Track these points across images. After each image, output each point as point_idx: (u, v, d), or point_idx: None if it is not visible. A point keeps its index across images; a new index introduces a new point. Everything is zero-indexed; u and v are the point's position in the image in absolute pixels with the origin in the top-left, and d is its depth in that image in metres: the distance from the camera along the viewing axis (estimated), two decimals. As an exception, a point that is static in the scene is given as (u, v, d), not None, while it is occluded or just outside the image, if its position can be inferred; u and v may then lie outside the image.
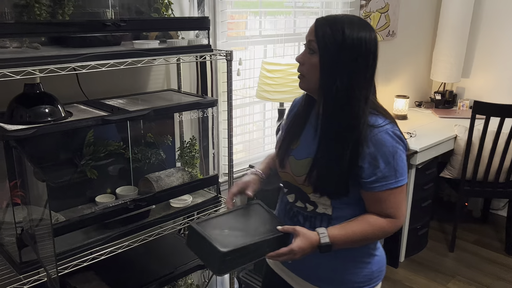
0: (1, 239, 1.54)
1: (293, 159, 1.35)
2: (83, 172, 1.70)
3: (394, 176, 1.24)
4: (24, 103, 1.44)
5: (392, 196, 1.25)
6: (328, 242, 1.23)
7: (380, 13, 3.14)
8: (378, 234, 1.28)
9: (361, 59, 1.19)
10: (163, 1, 1.83)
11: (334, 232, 1.24)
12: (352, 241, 1.26)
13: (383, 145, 1.22)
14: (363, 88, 1.22)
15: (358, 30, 1.19)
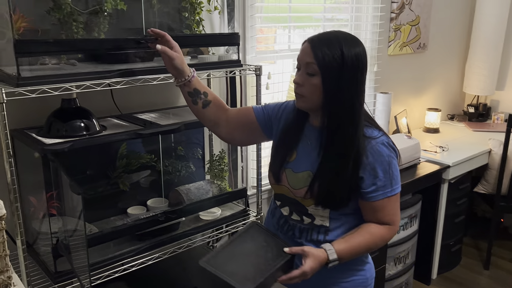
0: (38, 248, 1.59)
1: (290, 172, 1.36)
2: (116, 184, 1.75)
3: (390, 185, 1.28)
4: (61, 117, 1.50)
5: (389, 204, 1.29)
6: (336, 258, 1.26)
7: (410, 25, 3.11)
8: (379, 243, 1.32)
9: (359, 74, 1.24)
10: (194, 17, 1.87)
11: (340, 246, 1.27)
12: (357, 253, 1.30)
13: (380, 156, 1.27)
14: (362, 103, 1.28)
15: (353, 46, 1.23)
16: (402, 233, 2.62)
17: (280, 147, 1.41)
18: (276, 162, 1.40)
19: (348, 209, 1.33)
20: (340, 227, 1.34)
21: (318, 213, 1.33)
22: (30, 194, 1.60)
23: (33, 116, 1.62)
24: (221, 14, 2.07)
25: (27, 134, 1.50)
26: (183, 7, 1.85)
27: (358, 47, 1.24)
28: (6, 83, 1.37)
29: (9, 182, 1.31)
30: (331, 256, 1.25)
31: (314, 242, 1.35)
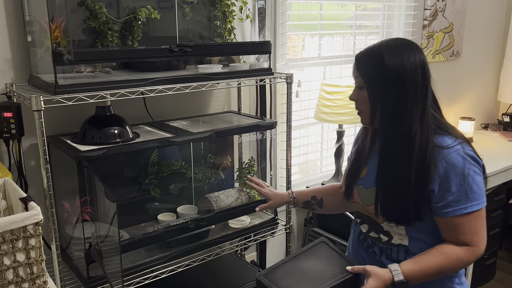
0: (71, 253, 1.62)
1: (362, 188, 1.33)
2: (147, 191, 1.76)
3: (466, 200, 1.17)
4: (95, 124, 1.52)
5: (467, 221, 1.17)
6: (403, 279, 1.17)
7: (444, 33, 3.05)
8: (455, 264, 1.20)
9: (406, 81, 1.18)
10: (226, 26, 1.88)
11: (407, 267, 1.18)
12: (427, 275, 1.19)
13: (454, 167, 1.17)
14: (416, 108, 1.19)
15: (397, 54, 1.18)
16: (434, 245, 2.55)
17: (353, 164, 1.39)
18: (348, 178, 1.38)
19: (427, 225, 1.23)
20: (421, 248, 1.24)
21: (394, 231, 1.27)
22: (64, 199, 1.63)
23: (68, 123, 1.65)
24: (252, 22, 2.08)
25: (62, 141, 1.53)
26: (215, 15, 1.86)
27: (405, 54, 1.18)
28: (43, 91, 1.41)
29: (45, 188, 1.33)
30: (397, 278, 1.17)
31: (394, 260, 1.28)
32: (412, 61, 1.18)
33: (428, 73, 1.21)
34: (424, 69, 1.20)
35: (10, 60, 1.56)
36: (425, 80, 1.20)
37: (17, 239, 1.06)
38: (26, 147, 1.61)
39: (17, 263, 1.07)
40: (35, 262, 1.10)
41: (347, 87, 2.20)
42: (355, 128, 2.77)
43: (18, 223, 1.05)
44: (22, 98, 1.40)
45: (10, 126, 1.46)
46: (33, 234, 1.08)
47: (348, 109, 2.19)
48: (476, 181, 1.18)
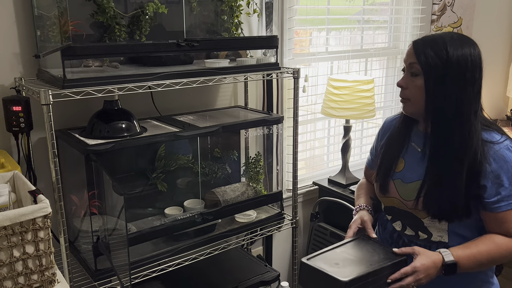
0: (79, 246, 1.63)
1: (400, 183, 1.31)
2: (154, 185, 1.77)
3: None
4: (103, 119, 1.53)
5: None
6: (453, 260, 1.15)
7: (452, 27, 3.03)
8: (505, 255, 1.18)
9: (468, 74, 1.18)
10: (233, 20, 1.88)
11: (458, 252, 1.17)
12: (478, 262, 1.18)
13: (506, 162, 1.18)
14: (472, 103, 1.19)
15: (461, 46, 1.18)
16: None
17: (386, 157, 1.36)
18: (382, 172, 1.35)
19: (470, 221, 1.22)
20: (460, 244, 1.23)
21: (435, 227, 1.25)
22: (72, 193, 1.65)
23: (76, 117, 1.66)
24: (259, 17, 2.07)
25: (71, 135, 1.54)
26: (222, 10, 1.86)
27: (468, 47, 1.19)
28: (52, 85, 1.42)
29: (53, 181, 1.35)
30: (447, 258, 1.16)
31: None
32: (474, 56, 1.18)
33: (483, 71, 1.22)
34: (481, 65, 1.21)
35: (19, 55, 1.57)
36: (481, 76, 1.21)
37: (26, 231, 1.07)
38: (35, 141, 1.62)
39: (26, 255, 1.09)
40: (44, 254, 1.11)
41: (354, 82, 2.19)
42: (362, 123, 2.77)
43: (27, 215, 1.06)
44: (31, 92, 1.41)
45: (19, 120, 1.47)
46: (42, 226, 1.09)
47: (355, 104, 2.18)
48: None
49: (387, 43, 2.79)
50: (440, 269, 1.16)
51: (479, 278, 1.29)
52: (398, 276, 1.16)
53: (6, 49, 1.54)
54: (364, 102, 2.20)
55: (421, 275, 1.15)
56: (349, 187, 2.26)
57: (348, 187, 2.27)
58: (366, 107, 2.21)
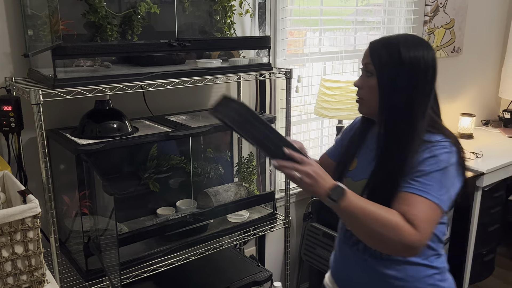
0: (70, 246, 1.62)
1: (350, 181, 1.32)
2: (146, 185, 1.77)
3: (431, 188, 1.13)
4: (94, 118, 1.53)
5: (422, 205, 1.12)
6: (344, 189, 1.10)
7: (445, 29, 3.04)
8: (390, 229, 1.09)
9: (419, 76, 1.18)
10: (226, 20, 1.88)
11: (353, 195, 1.11)
12: (365, 215, 1.09)
13: (434, 156, 1.15)
14: (422, 105, 1.20)
15: (414, 48, 1.19)
16: (433, 241, 2.56)
17: (343, 156, 1.38)
18: (337, 171, 1.37)
19: None
20: None
21: None
22: (63, 193, 1.64)
23: (67, 117, 1.66)
24: (252, 17, 2.07)
25: (62, 135, 1.54)
26: (215, 10, 1.86)
27: (421, 49, 1.19)
28: (42, 84, 1.41)
29: (44, 181, 1.34)
30: (340, 185, 1.11)
31: (379, 258, 1.27)
32: (426, 57, 1.19)
33: (436, 73, 1.22)
34: (435, 68, 1.21)
35: (9, 54, 1.56)
36: (433, 79, 1.22)
37: (15, 231, 1.06)
38: (26, 141, 1.62)
39: (15, 255, 1.08)
40: (33, 255, 1.11)
41: (347, 83, 2.20)
42: (355, 123, 2.77)
43: (16, 215, 1.05)
44: (21, 92, 1.40)
45: (9, 119, 1.47)
46: (31, 226, 1.08)
47: (348, 104, 2.19)
48: (452, 181, 1.16)
49: (380, 44, 2.79)
50: (327, 189, 1.10)
51: (427, 282, 1.27)
52: (293, 155, 1.09)
53: (-4, 49, 1.53)
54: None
55: (310, 173, 1.09)
56: (341, 187, 2.27)
57: (340, 187, 2.27)
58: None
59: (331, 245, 2.20)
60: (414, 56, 1.18)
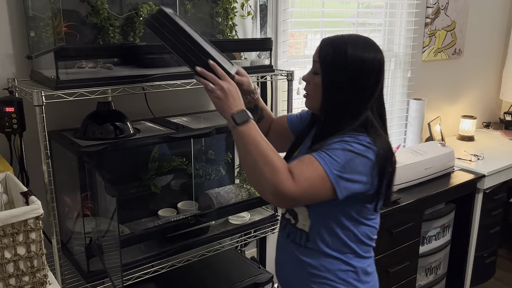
0: (71, 248, 1.63)
1: None
2: (147, 186, 1.77)
3: (331, 161, 1.11)
4: (96, 120, 1.53)
5: (313, 168, 1.11)
6: (249, 117, 1.16)
7: (446, 31, 3.04)
8: (269, 168, 1.09)
9: (361, 78, 1.18)
10: (227, 22, 1.88)
11: (253, 126, 1.16)
12: (255, 145, 1.12)
13: (343, 141, 1.14)
14: (360, 107, 1.19)
15: (362, 50, 1.18)
16: (435, 243, 2.56)
17: (290, 147, 1.41)
18: (288, 152, 1.41)
19: (326, 209, 1.21)
20: (320, 238, 1.25)
21: (301, 212, 1.27)
22: (65, 194, 1.64)
23: (69, 118, 1.66)
24: (254, 19, 2.08)
25: (64, 136, 1.54)
26: (216, 12, 1.86)
27: (369, 52, 1.18)
28: (45, 86, 1.41)
29: (46, 182, 1.34)
30: (248, 113, 1.16)
31: (298, 245, 1.30)
32: (371, 61, 1.18)
33: (382, 78, 1.21)
34: (380, 72, 1.21)
35: (12, 55, 1.57)
36: (378, 83, 1.21)
37: (17, 233, 1.07)
38: (28, 142, 1.62)
39: (18, 257, 1.08)
40: (36, 256, 1.11)
41: (348, 85, 2.20)
42: (356, 125, 2.77)
43: (19, 217, 1.06)
44: (23, 93, 1.41)
45: (11, 121, 1.47)
46: (33, 228, 1.09)
47: (349, 106, 2.19)
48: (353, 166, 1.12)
49: (381, 46, 2.80)
50: (234, 110, 1.17)
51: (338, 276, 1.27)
52: (215, 68, 1.21)
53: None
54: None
55: (224, 88, 1.18)
56: (343, 189, 2.27)
57: (342, 189, 2.27)
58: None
59: (332, 247, 2.20)
60: (360, 58, 1.17)
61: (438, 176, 2.53)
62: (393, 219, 2.15)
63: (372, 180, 1.16)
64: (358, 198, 1.20)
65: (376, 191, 1.20)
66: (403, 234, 2.22)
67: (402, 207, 2.16)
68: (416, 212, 2.27)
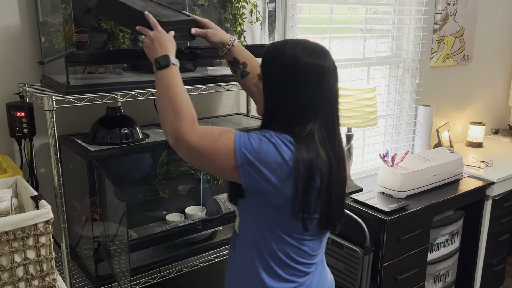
0: (80, 252, 1.63)
1: None
2: (155, 191, 1.78)
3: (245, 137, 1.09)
4: (106, 125, 1.54)
5: (225, 130, 1.12)
6: (170, 63, 1.20)
7: (454, 37, 3.03)
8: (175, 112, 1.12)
9: (296, 84, 1.11)
10: (236, 28, 1.89)
11: (175, 72, 1.20)
12: (169, 88, 1.16)
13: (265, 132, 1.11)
14: (293, 114, 1.12)
15: (301, 55, 1.11)
16: (443, 250, 2.54)
17: None
18: None
19: (249, 210, 1.18)
20: (247, 242, 1.21)
21: (235, 213, 1.27)
22: (74, 198, 1.65)
23: (78, 123, 1.67)
24: (262, 25, 2.09)
25: (73, 141, 1.55)
26: (225, 18, 1.87)
27: (311, 58, 1.11)
28: (55, 91, 1.43)
29: (56, 186, 1.35)
30: (170, 59, 1.21)
31: (233, 248, 1.29)
32: (310, 66, 1.11)
33: (325, 86, 1.12)
34: (320, 80, 1.12)
35: (23, 61, 1.58)
36: (317, 91, 1.12)
37: (27, 236, 1.07)
38: (37, 146, 1.63)
39: (27, 261, 1.09)
40: (45, 260, 1.12)
41: (356, 91, 2.20)
42: (364, 131, 2.77)
43: (29, 221, 1.07)
44: (34, 98, 1.42)
45: (22, 125, 1.48)
46: (43, 232, 1.09)
47: (357, 112, 2.19)
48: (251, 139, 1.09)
49: (389, 52, 2.80)
50: (157, 54, 1.23)
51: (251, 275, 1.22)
52: (148, 17, 1.27)
53: (10, 55, 1.55)
54: (366, 111, 2.20)
55: (151, 36, 1.25)
56: (351, 195, 2.26)
57: (350, 195, 2.27)
58: (368, 116, 2.21)
59: (339, 253, 2.19)
60: (296, 62, 1.11)
61: (446, 182, 2.51)
62: (401, 225, 2.14)
63: (281, 185, 1.08)
64: (271, 204, 1.12)
65: (292, 204, 1.10)
66: (412, 241, 2.20)
67: (410, 214, 2.14)
68: (424, 219, 2.25)
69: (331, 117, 1.15)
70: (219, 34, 1.45)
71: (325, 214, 1.15)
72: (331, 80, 1.15)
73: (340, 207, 1.19)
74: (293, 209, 1.11)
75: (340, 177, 1.16)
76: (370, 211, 2.12)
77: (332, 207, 1.15)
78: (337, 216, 1.18)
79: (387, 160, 2.29)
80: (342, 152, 1.18)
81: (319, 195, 1.12)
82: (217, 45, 1.46)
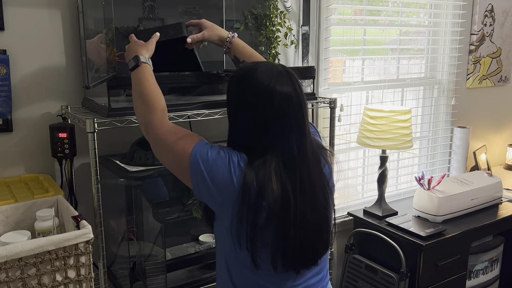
0: (115, 271, 1.65)
1: None
2: (189, 211, 1.79)
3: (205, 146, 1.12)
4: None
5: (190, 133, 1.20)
6: (140, 63, 1.29)
7: (491, 58, 2.98)
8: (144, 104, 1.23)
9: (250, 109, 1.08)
10: (271, 51, 1.91)
11: (147, 71, 1.28)
12: (142, 85, 1.25)
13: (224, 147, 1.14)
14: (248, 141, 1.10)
15: (262, 80, 1.06)
16: (482, 278, 2.44)
17: None
18: None
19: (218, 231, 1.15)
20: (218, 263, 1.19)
21: None
22: (110, 217, 1.68)
23: (115, 144, 1.71)
24: (297, 48, 2.10)
25: (112, 161, 1.59)
26: (259, 41, 1.90)
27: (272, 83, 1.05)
28: (96, 113, 1.47)
29: (95, 206, 1.38)
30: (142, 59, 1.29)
31: None
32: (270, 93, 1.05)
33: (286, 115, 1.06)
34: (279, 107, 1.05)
35: (66, 83, 1.64)
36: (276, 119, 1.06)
37: (69, 256, 1.10)
38: (77, 166, 1.68)
39: (68, 280, 1.11)
40: (84, 280, 1.14)
41: (390, 112, 2.17)
42: (398, 153, 2.73)
43: (71, 240, 1.09)
44: (76, 120, 1.47)
45: (64, 146, 1.53)
46: (83, 252, 1.12)
47: (392, 134, 2.16)
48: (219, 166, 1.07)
49: (423, 73, 2.77)
50: (130, 57, 1.32)
51: None
52: None
53: (54, 78, 1.62)
54: (401, 133, 2.17)
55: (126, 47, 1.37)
56: (385, 219, 2.22)
57: (384, 219, 2.22)
58: (403, 138, 2.18)
59: (374, 278, 2.14)
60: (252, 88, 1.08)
61: (485, 207, 2.43)
62: (439, 251, 2.07)
63: (222, 203, 1.06)
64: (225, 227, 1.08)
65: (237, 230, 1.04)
66: (449, 267, 2.13)
67: (448, 239, 2.08)
68: (462, 245, 2.18)
69: (291, 147, 1.07)
70: (217, 32, 1.49)
71: (281, 251, 1.05)
72: (290, 107, 1.07)
73: (313, 245, 1.10)
74: (238, 235, 1.05)
75: (306, 214, 1.06)
76: (405, 235, 2.07)
77: (289, 245, 1.05)
78: (308, 255, 1.10)
79: (423, 183, 2.24)
80: (313, 188, 1.08)
81: (267, 228, 1.04)
82: (217, 43, 1.50)
